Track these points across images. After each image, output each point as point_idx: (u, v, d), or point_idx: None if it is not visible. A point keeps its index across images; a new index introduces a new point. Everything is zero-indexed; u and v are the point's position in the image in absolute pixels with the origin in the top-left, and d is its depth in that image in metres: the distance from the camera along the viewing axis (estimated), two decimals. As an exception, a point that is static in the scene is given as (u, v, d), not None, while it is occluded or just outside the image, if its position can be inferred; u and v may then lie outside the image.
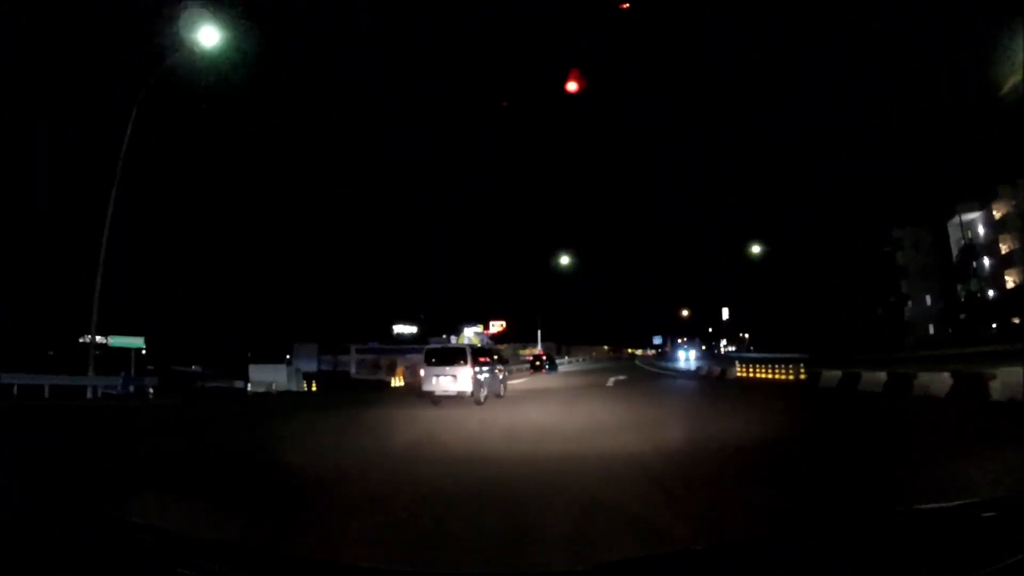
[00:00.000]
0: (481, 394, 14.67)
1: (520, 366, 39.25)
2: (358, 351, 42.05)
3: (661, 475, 5.71)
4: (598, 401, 15.77)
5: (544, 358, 43.38)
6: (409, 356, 38.88)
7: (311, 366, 44.29)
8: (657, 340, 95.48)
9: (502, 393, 17.08)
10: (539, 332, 50.82)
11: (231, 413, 16.18)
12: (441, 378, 14.44)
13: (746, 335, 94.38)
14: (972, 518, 1.60)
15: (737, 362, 25.64)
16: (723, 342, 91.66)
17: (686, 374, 30.09)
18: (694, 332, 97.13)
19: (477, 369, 14.72)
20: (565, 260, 46.18)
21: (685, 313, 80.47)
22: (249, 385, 28.35)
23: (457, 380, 14.25)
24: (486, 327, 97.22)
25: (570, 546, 3.62)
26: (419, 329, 65.86)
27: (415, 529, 4.03)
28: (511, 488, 5.12)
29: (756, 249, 43.94)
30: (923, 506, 1.77)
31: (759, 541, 1.97)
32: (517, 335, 60.27)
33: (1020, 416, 10.10)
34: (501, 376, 18.06)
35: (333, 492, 5.19)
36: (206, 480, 5.83)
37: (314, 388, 30.39)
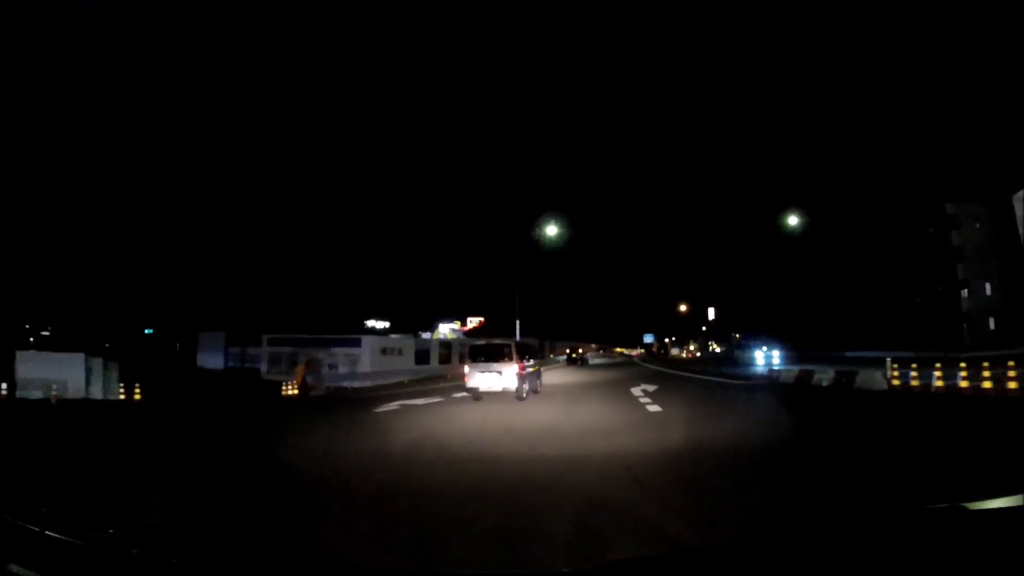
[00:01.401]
0: (523, 390, 13.73)
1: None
2: (271, 342, 28.69)
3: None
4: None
5: (580, 353, 45.00)
6: (334, 350, 25.71)
7: (217, 361, 31.49)
8: (648, 338, 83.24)
9: (539, 389, 15.46)
10: (517, 326, 38.40)
11: None
12: (486, 374, 13.67)
13: (737, 335, 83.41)
14: (972, 518, 1.55)
15: (890, 361, 13.07)
16: (710, 343, 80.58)
17: (758, 382, 17.56)
18: (686, 330, 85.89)
19: (521, 366, 13.91)
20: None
21: (683, 308, 68.13)
22: (4, 387, 15.17)
23: (502, 376, 13.50)
24: (463, 323, 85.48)
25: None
26: (392, 324, 59.04)
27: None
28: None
29: (793, 220, 32.09)
30: (925, 506, 1.66)
31: (759, 541, 1.85)
32: (497, 331, 50.37)
33: None
34: (538, 372, 16.47)
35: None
36: None
37: (137, 396, 16.93)
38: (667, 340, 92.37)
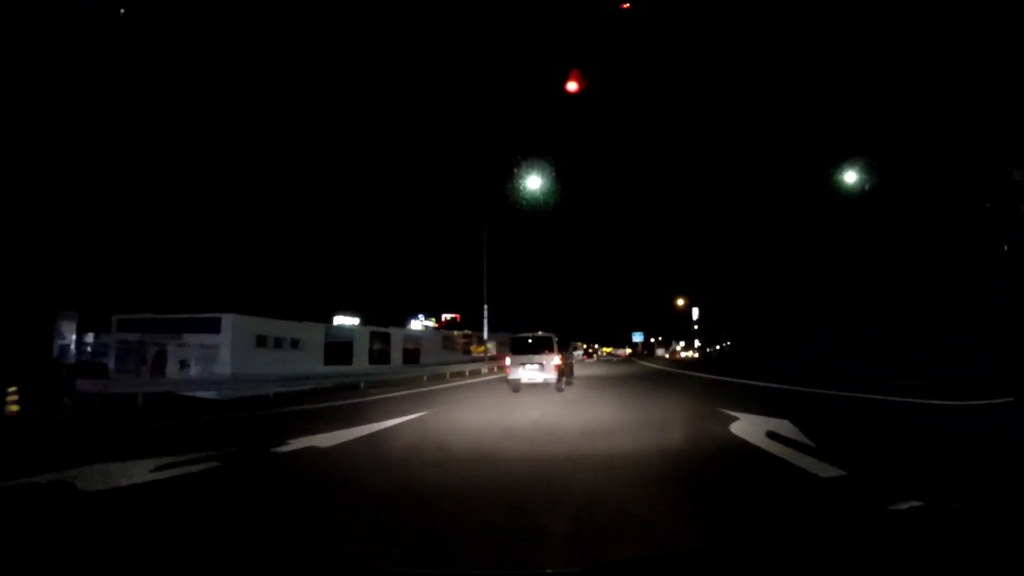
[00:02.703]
0: (563, 382, 13.63)
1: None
2: (123, 326, 18.30)
3: None
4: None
5: (595, 348, 47.05)
6: (187, 337, 15.41)
7: (67, 353, 21.97)
8: (638, 337, 74.15)
9: (571, 381, 15.29)
10: (485, 314, 28.62)
11: None
12: (527, 366, 13.31)
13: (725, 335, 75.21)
14: (969, 517, 1.52)
15: None
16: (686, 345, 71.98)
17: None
18: (671, 332, 77.33)
19: (562, 359, 13.69)
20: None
21: (681, 303, 58.98)
22: None
23: (544, 369, 13.23)
24: (438, 319, 76.32)
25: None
26: (363, 320, 52.22)
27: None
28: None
29: (851, 178, 24.14)
30: (919, 505, 1.69)
31: (759, 541, 1.80)
32: (472, 327, 43.20)
33: None
34: (571, 365, 16.54)
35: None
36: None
37: None
38: (652, 341, 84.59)
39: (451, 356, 27.96)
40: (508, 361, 13.73)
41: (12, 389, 9.49)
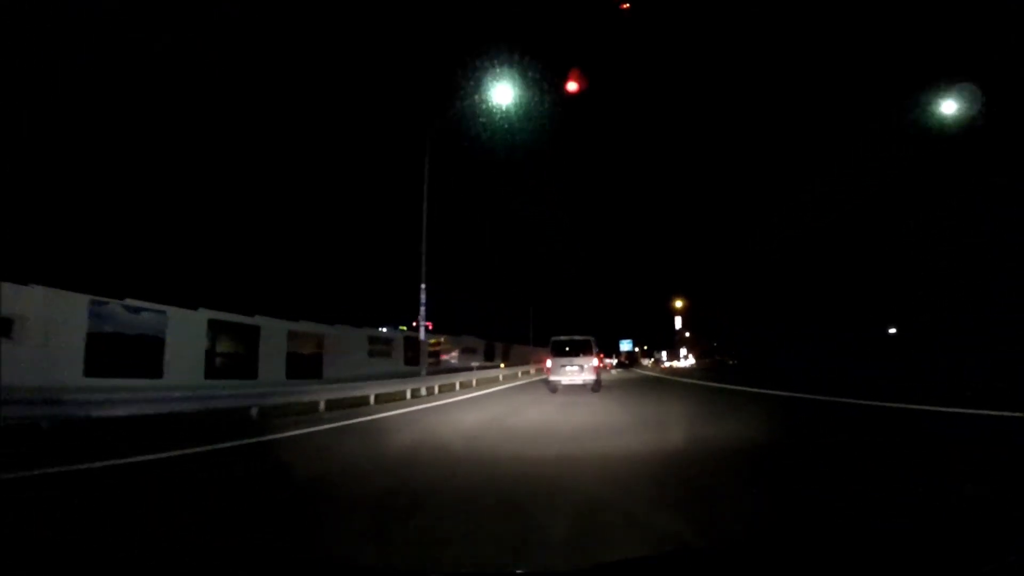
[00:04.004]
0: (599, 384, 14.22)
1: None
2: None
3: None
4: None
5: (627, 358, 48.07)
6: None
7: None
8: (626, 345, 68.66)
9: (601, 382, 15.21)
10: (421, 309, 18.44)
11: None
12: (568, 368, 14.07)
13: (715, 344, 70.52)
14: (967, 518, 1.58)
15: None
16: (679, 352, 67.07)
17: None
18: (654, 340, 72.43)
19: (600, 361, 14.50)
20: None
21: (679, 304, 53.50)
22: None
23: (583, 371, 13.95)
24: (409, 326, 71.10)
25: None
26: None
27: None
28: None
29: (950, 108, 19.42)
30: (918, 506, 1.74)
31: (758, 541, 1.76)
32: (446, 331, 38.51)
33: None
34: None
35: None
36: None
37: None
38: (635, 350, 79.80)
39: (379, 366, 18.61)
40: (549, 364, 14.62)
41: None
